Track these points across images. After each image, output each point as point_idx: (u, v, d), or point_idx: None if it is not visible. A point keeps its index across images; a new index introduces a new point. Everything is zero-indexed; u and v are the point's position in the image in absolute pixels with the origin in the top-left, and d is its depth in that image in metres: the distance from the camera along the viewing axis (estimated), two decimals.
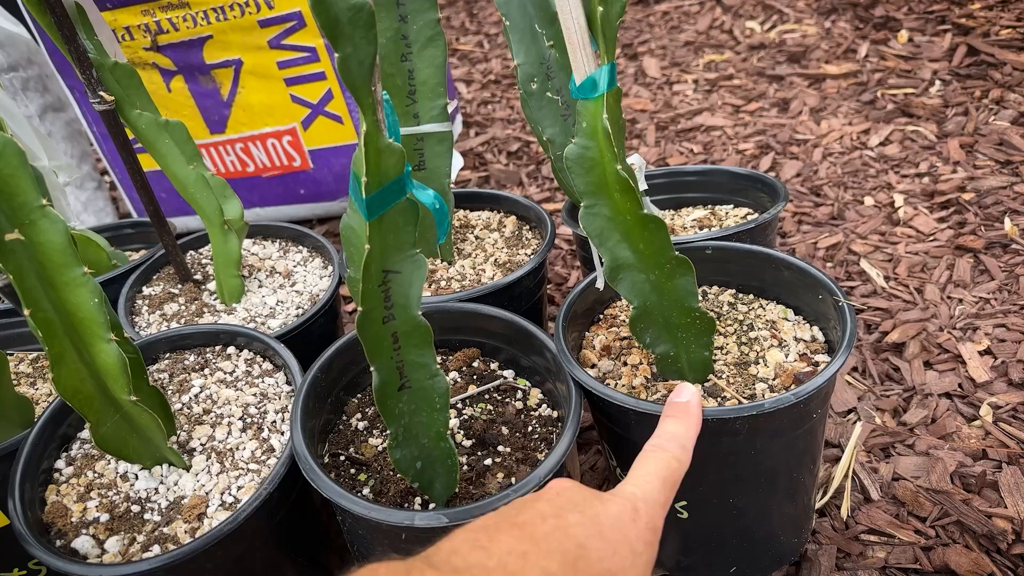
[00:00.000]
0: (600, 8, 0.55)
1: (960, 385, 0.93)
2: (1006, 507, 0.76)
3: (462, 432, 0.69)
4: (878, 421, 0.90)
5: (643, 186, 0.72)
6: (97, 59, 0.78)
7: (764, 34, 2.01)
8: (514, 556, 0.35)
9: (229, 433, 0.70)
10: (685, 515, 0.67)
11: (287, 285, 0.96)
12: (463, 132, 1.87)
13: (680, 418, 0.52)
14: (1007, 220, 1.18)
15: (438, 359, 0.79)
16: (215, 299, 0.93)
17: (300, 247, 1.05)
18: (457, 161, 1.67)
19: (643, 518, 0.42)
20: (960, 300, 1.06)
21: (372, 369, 0.55)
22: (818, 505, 0.80)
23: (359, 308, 0.53)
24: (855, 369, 0.99)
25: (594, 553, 0.37)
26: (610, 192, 0.59)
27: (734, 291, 0.79)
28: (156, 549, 0.61)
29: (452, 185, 1.24)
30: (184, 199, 0.87)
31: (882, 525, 0.78)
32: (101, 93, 0.78)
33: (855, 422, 0.90)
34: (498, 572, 0.34)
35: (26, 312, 0.55)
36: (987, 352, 0.97)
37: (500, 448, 0.67)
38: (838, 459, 0.85)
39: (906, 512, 0.79)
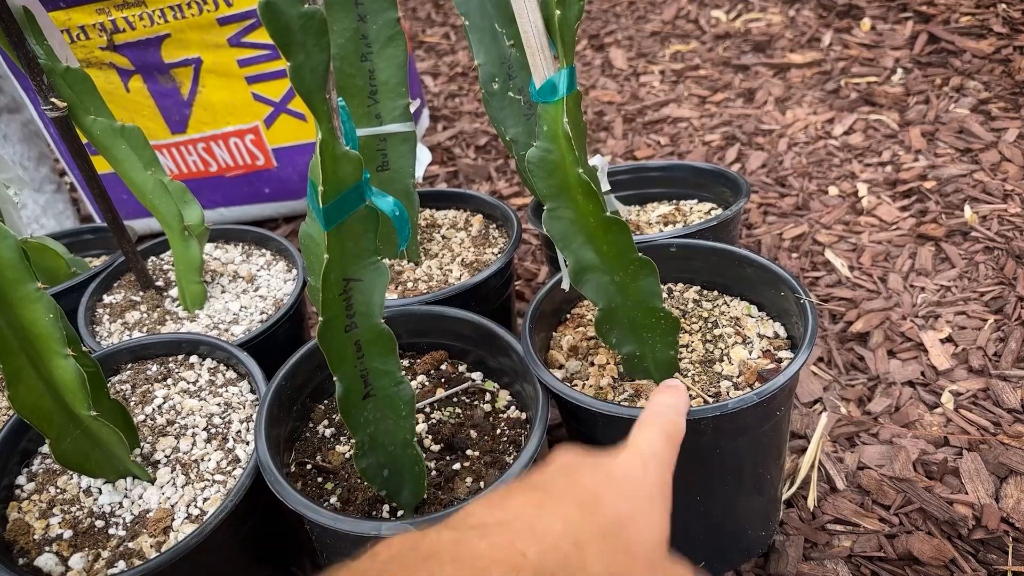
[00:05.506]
0: (558, 12, 0.54)
1: (922, 373, 0.94)
2: (967, 493, 0.78)
3: (430, 436, 0.69)
4: (843, 411, 0.92)
5: (606, 187, 0.72)
6: (48, 64, 0.76)
7: (730, 23, 2.02)
8: (531, 507, 0.35)
9: (194, 444, 0.70)
10: None
11: (250, 290, 0.94)
12: (430, 127, 1.85)
13: (671, 393, 0.53)
14: (967, 208, 1.20)
15: (405, 362, 0.78)
16: (177, 306, 0.92)
17: (263, 251, 1.04)
18: (425, 156, 1.65)
19: (652, 471, 0.42)
20: (922, 288, 1.08)
21: (335, 379, 0.55)
22: (785, 496, 0.82)
23: (320, 318, 0.52)
24: (821, 359, 1.01)
25: (609, 500, 0.38)
26: (572, 195, 0.59)
27: (699, 288, 0.79)
28: (121, 565, 0.60)
29: (419, 183, 1.23)
30: (143, 205, 0.85)
31: (847, 514, 0.79)
32: (53, 100, 0.76)
33: (821, 412, 0.91)
34: (516, 523, 0.34)
35: None
36: (948, 340, 0.99)
37: (468, 452, 0.67)
38: (805, 450, 0.86)
39: (871, 501, 0.80)
